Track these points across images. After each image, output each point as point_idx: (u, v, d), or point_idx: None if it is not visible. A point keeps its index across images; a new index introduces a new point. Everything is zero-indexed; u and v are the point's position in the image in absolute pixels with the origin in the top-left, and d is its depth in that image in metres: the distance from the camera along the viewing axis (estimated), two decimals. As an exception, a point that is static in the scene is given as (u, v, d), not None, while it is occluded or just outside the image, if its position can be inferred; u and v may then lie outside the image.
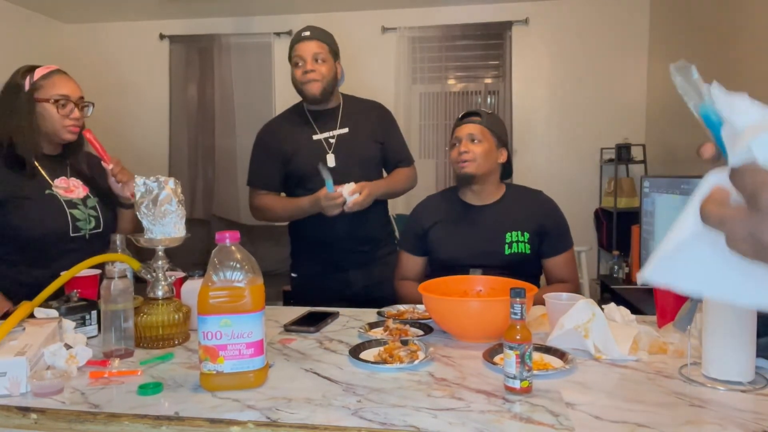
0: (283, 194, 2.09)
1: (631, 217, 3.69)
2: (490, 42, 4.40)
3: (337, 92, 2.04)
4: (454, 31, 4.36)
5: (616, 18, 4.21)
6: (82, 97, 1.68)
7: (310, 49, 1.91)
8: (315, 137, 1.98)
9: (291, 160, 1.98)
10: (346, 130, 2.00)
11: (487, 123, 1.77)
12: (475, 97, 4.43)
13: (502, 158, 1.80)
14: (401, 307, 1.60)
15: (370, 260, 2.03)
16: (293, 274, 2.15)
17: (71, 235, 1.62)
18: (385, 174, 2.13)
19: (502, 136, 1.81)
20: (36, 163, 1.64)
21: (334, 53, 1.99)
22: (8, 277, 1.60)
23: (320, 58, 1.92)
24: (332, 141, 1.98)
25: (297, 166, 1.97)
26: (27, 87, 1.61)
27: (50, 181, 1.65)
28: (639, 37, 4.19)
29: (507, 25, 4.32)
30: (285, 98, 4.60)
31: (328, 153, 1.96)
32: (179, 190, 1.33)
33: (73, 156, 1.74)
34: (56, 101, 1.62)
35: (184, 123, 4.70)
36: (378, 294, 1.92)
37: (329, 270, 2.03)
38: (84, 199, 1.69)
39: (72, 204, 1.65)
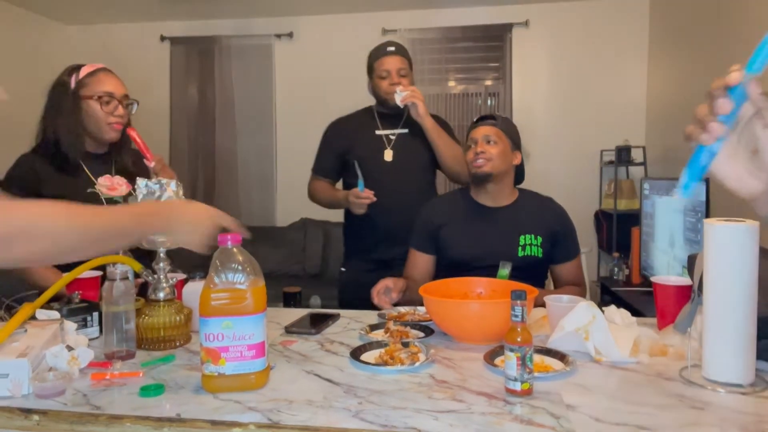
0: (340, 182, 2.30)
1: (631, 219, 3.69)
2: (491, 44, 4.41)
3: None
4: (455, 33, 4.37)
5: (616, 20, 4.22)
6: (126, 95, 1.70)
7: (395, 63, 2.13)
8: (377, 132, 2.17)
9: (350, 150, 2.16)
10: (406, 130, 2.17)
11: (502, 126, 1.80)
12: (475, 99, 4.43)
13: (517, 160, 1.83)
14: (402, 309, 1.60)
15: None
16: (342, 269, 2.28)
17: None
18: (437, 176, 2.28)
19: (516, 139, 1.84)
20: (81, 161, 1.65)
21: (411, 66, 2.19)
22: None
23: (403, 72, 2.13)
24: (392, 138, 2.16)
25: (354, 156, 2.14)
26: (73, 85, 1.63)
27: (94, 180, 1.66)
28: (639, 39, 4.20)
29: (507, 27, 4.32)
30: (285, 99, 4.62)
31: (387, 148, 2.14)
32: (181, 192, 1.33)
33: (119, 154, 1.75)
34: (100, 98, 1.64)
35: (185, 124, 4.71)
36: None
37: (378, 266, 2.07)
38: (126, 197, 1.69)
39: (113, 202, 1.66)
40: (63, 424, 0.93)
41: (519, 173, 1.89)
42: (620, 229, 3.87)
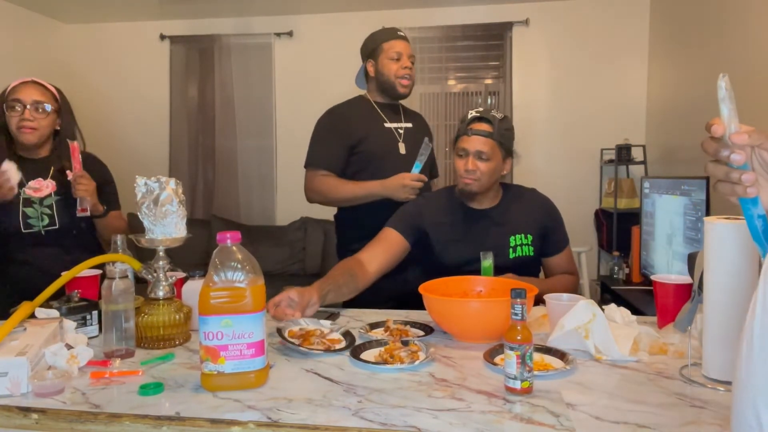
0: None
1: (631, 218, 3.69)
2: (491, 43, 4.41)
3: None
4: (455, 31, 4.36)
5: (616, 18, 4.21)
6: (36, 101, 1.75)
7: (407, 49, 2.09)
8: (386, 125, 2.11)
9: (362, 142, 2.05)
10: (410, 124, 2.16)
11: (498, 135, 1.67)
12: (475, 98, 4.43)
13: (506, 170, 1.75)
14: (303, 323, 1.39)
15: None
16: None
17: (24, 231, 1.74)
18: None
19: (509, 145, 1.74)
20: (20, 165, 1.75)
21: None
22: None
23: (413, 60, 2.10)
24: (401, 131, 2.12)
25: (368, 148, 2.05)
26: (1, 102, 1.77)
27: (25, 182, 1.76)
28: (639, 38, 4.19)
29: (507, 26, 4.32)
30: (285, 98, 4.62)
31: (399, 141, 2.10)
32: (180, 191, 1.33)
33: (58, 160, 1.82)
34: (9, 103, 1.74)
35: (185, 123, 4.70)
36: None
37: None
38: (42, 198, 1.78)
39: (28, 203, 1.76)
40: (62, 422, 0.93)
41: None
42: (620, 228, 3.87)
